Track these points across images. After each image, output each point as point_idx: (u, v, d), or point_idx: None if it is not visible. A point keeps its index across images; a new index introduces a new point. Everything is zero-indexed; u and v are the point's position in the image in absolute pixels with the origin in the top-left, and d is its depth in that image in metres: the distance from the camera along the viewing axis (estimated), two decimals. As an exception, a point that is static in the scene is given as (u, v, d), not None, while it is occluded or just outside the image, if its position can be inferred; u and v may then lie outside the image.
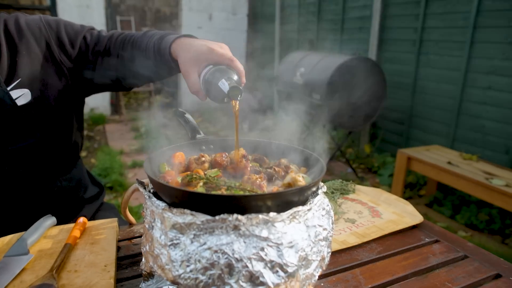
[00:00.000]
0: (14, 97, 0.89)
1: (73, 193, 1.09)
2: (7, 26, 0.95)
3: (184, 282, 0.54)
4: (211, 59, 0.78)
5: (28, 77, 0.93)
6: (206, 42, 0.83)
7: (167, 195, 0.57)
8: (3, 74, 0.90)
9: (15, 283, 0.69)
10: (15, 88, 0.91)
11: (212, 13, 6.97)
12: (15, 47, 0.93)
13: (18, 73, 0.92)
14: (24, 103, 0.91)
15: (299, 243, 0.55)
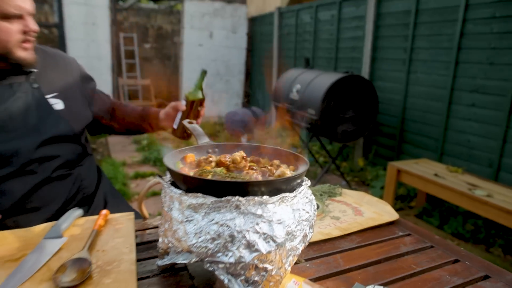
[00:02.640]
0: (52, 103, 1.19)
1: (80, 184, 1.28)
2: (47, 52, 1.29)
3: (196, 250, 0.69)
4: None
5: (62, 93, 1.25)
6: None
7: (183, 183, 0.73)
8: (47, 87, 1.21)
9: (54, 259, 0.83)
10: (51, 98, 1.21)
11: (213, 31, 7.23)
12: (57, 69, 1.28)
13: (57, 89, 1.24)
14: (58, 109, 1.21)
15: (286, 221, 0.71)
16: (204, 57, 7.20)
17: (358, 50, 4.38)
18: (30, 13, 1.11)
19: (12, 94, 1.11)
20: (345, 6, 4.61)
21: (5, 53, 1.08)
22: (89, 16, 6.05)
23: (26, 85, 1.15)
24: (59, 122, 1.18)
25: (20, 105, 1.12)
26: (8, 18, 1.05)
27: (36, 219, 1.10)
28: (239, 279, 0.69)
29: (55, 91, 1.21)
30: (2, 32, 1.05)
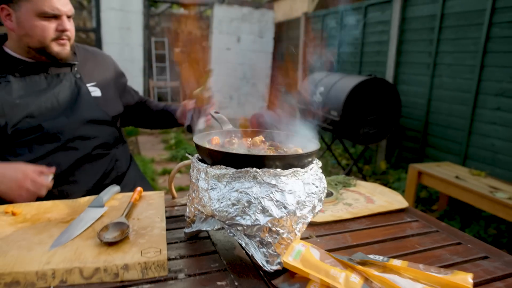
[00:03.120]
0: (91, 91, 1.39)
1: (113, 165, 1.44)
2: (97, 56, 1.52)
3: (218, 214, 0.81)
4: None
5: (99, 83, 1.44)
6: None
7: (209, 157, 0.85)
8: (87, 77, 1.41)
9: (97, 223, 0.97)
10: (91, 86, 1.40)
11: (241, 35, 7.41)
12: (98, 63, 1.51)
13: (95, 79, 1.43)
14: (96, 96, 1.40)
15: (296, 191, 0.81)
16: (231, 61, 7.39)
17: (383, 54, 4.42)
18: (67, 15, 1.28)
19: (59, 82, 1.32)
20: (371, 11, 4.66)
21: (43, 47, 1.26)
22: (124, 21, 6.37)
23: (70, 75, 1.35)
24: (96, 107, 1.37)
25: (65, 91, 1.32)
26: (46, 17, 1.23)
27: (77, 190, 1.28)
28: (255, 241, 0.80)
29: (93, 81, 1.41)
30: (39, 29, 1.23)
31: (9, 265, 0.74)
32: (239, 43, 7.44)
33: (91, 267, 0.76)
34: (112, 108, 1.44)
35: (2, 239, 0.85)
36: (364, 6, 4.76)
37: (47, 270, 0.74)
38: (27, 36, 1.24)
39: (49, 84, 1.30)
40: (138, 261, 0.78)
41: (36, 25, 1.22)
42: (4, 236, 0.87)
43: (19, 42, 1.27)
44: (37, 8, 1.20)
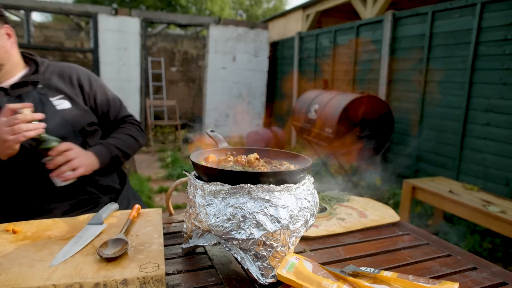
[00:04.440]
0: (55, 104, 1.35)
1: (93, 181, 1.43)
2: (63, 71, 1.47)
3: (215, 229, 0.84)
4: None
5: (67, 94, 1.40)
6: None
7: (205, 174, 0.89)
8: (54, 91, 1.39)
9: (97, 239, 0.99)
10: (58, 99, 1.37)
11: (236, 55, 7.54)
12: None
13: (63, 91, 1.40)
14: (64, 108, 1.36)
15: (289, 206, 0.85)
16: (227, 79, 7.51)
17: (375, 72, 4.52)
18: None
19: (21, 102, 1.30)
20: (363, 30, 4.80)
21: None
22: (121, 41, 6.48)
23: (33, 93, 1.33)
24: (64, 123, 1.33)
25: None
26: None
27: (58, 206, 1.32)
28: (250, 254, 0.83)
29: (61, 93, 1.38)
30: None
31: (11, 281, 0.76)
32: (234, 62, 7.57)
33: (91, 282, 0.78)
34: (84, 118, 1.41)
35: (4, 256, 0.88)
36: (356, 25, 4.90)
37: (48, 286, 0.76)
38: None
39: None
40: (137, 276, 0.81)
41: None
42: (6, 254, 0.89)
43: None
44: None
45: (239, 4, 25.06)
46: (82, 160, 1.27)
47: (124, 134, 1.51)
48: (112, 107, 1.54)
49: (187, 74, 9.83)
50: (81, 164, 1.26)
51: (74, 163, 1.24)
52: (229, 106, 7.51)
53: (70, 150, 1.24)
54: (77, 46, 8.73)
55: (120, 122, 1.57)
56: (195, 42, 9.83)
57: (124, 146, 1.48)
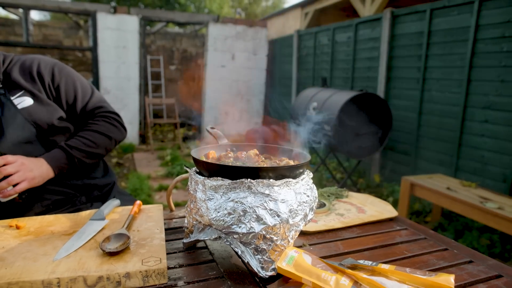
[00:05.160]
0: (16, 103, 1.28)
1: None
2: (24, 63, 1.36)
3: (216, 223, 0.85)
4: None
5: (28, 89, 1.31)
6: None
7: (206, 170, 0.90)
8: (14, 88, 1.30)
9: (99, 235, 1.00)
10: (19, 97, 1.29)
11: (235, 53, 7.55)
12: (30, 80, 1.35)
13: (23, 86, 1.31)
14: (25, 106, 1.28)
15: (289, 200, 0.86)
16: (226, 77, 7.51)
17: (374, 70, 4.54)
18: None
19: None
20: (361, 28, 4.81)
21: None
22: (120, 40, 6.48)
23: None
24: (25, 125, 1.26)
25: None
26: None
27: (31, 210, 1.29)
28: (250, 248, 0.85)
29: (21, 89, 1.29)
30: None
31: (16, 275, 0.78)
32: (233, 60, 7.57)
33: (95, 276, 0.80)
34: (49, 114, 1.31)
35: (8, 251, 0.89)
36: (354, 23, 4.91)
37: (52, 279, 0.78)
38: None
39: None
40: (139, 269, 0.82)
41: None
42: (10, 248, 0.90)
43: None
44: None
45: (238, 2, 25.03)
46: (25, 174, 1.18)
47: (91, 131, 1.40)
48: (79, 97, 1.40)
49: (186, 72, 9.84)
50: (23, 178, 1.18)
51: (13, 178, 1.16)
52: (228, 104, 7.52)
53: (9, 164, 1.17)
54: (76, 45, 8.72)
55: (91, 116, 1.44)
56: (194, 40, 9.83)
57: (89, 146, 1.37)
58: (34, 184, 1.22)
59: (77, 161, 1.34)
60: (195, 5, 19.37)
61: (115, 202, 1.22)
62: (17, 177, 1.17)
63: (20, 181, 1.18)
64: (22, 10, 6.13)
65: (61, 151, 1.32)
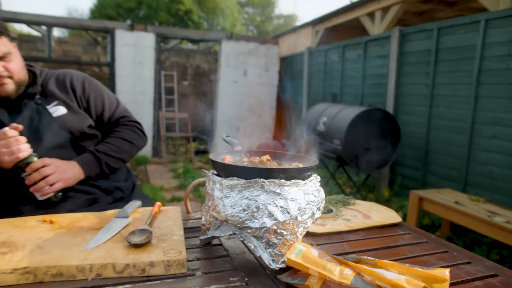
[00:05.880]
0: (52, 112, 1.42)
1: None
2: (58, 77, 1.52)
3: (231, 218, 0.94)
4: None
5: (62, 100, 1.46)
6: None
7: (224, 171, 1.00)
8: (50, 98, 1.44)
9: (124, 230, 1.10)
10: (54, 106, 1.43)
11: (247, 69, 7.73)
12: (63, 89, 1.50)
13: (58, 97, 1.45)
14: (59, 115, 1.42)
15: (298, 199, 0.95)
16: (238, 93, 7.68)
17: (383, 86, 4.63)
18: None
19: (20, 114, 1.37)
20: (370, 46, 4.92)
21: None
22: (137, 56, 6.72)
23: (31, 103, 1.40)
24: (59, 131, 1.39)
25: (25, 120, 1.36)
26: None
27: (62, 207, 1.38)
28: (262, 242, 0.93)
29: (56, 100, 1.43)
30: None
31: (54, 261, 0.88)
32: (245, 76, 7.74)
33: (122, 263, 0.89)
34: (80, 122, 1.45)
35: (45, 241, 0.99)
36: (364, 41, 5.03)
37: (85, 265, 0.87)
38: None
39: (11, 118, 1.35)
40: (162, 259, 0.91)
41: None
42: (46, 239, 1.01)
43: None
44: None
45: (250, 20, 25.53)
46: (60, 175, 1.30)
47: (117, 138, 1.53)
48: (106, 108, 1.55)
49: (198, 87, 10.06)
50: (58, 179, 1.30)
51: (50, 178, 1.28)
52: (239, 119, 7.65)
53: (46, 166, 1.28)
54: (94, 60, 9.04)
55: (116, 124, 1.58)
56: (207, 56, 10.08)
57: (115, 151, 1.49)
58: (68, 185, 1.34)
59: (104, 164, 1.46)
60: (208, 23, 19.85)
61: (137, 203, 1.32)
62: (53, 178, 1.28)
63: (56, 181, 1.30)
64: (45, 27, 6.43)
65: (91, 155, 1.44)
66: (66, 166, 1.35)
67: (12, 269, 0.84)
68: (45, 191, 1.28)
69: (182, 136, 8.01)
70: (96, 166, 1.45)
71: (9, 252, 0.91)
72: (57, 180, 1.30)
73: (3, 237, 1.01)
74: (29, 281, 0.84)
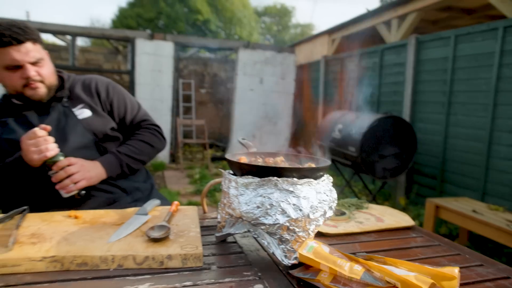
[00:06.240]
0: (77, 114, 1.49)
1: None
2: (84, 81, 1.62)
3: (246, 215, 0.99)
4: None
5: (87, 103, 1.55)
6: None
7: (239, 170, 1.04)
8: (76, 101, 1.53)
9: (143, 226, 1.16)
10: (80, 109, 1.52)
11: (263, 77, 7.81)
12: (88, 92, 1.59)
13: (83, 100, 1.54)
14: (84, 117, 1.50)
15: (310, 198, 0.98)
16: (254, 100, 7.76)
17: (400, 94, 4.61)
18: (30, 62, 1.37)
19: (48, 115, 1.46)
20: (387, 54, 4.93)
21: (19, 92, 1.41)
22: (156, 64, 6.89)
23: (58, 106, 1.49)
24: (84, 132, 1.47)
25: (53, 122, 1.44)
26: (10, 68, 1.35)
27: (86, 205, 1.44)
28: (275, 238, 0.97)
29: (82, 103, 1.52)
30: (7, 79, 1.38)
31: (79, 251, 0.94)
32: (262, 84, 7.82)
33: (142, 255, 0.94)
34: (104, 124, 1.53)
35: (70, 234, 1.05)
36: (380, 49, 5.04)
37: (108, 255, 0.93)
38: (4, 85, 1.45)
39: (40, 119, 1.45)
40: (179, 253, 0.96)
41: (4, 76, 1.38)
42: (71, 232, 1.07)
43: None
44: (2, 62, 1.35)
45: (267, 29, 25.75)
46: (84, 174, 1.37)
47: (137, 141, 1.60)
48: (129, 111, 1.63)
49: (215, 95, 10.20)
50: (82, 178, 1.37)
51: (75, 177, 1.34)
52: (255, 126, 7.72)
53: (72, 165, 1.35)
54: (115, 68, 9.30)
55: (137, 127, 1.65)
56: (224, 65, 10.23)
57: (135, 153, 1.56)
58: (91, 183, 1.41)
59: (125, 165, 1.53)
60: (225, 32, 20.14)
61: (156, 201, 1.37)
62: (78, 176, 1.36)
63: (80, 179, 1.37)
64: (70, 37, 6.68)
65: (113, 156, 1.52)
66: (89, 166, 1.42)
67: (41, 257, 0.90)
68: (69, 188, 1.35)
69: (199, 143, 8.12)
70: (117, 167, 1.52)
71: (38, 243, 0.98)
72: (81, 179, 1.37)
73: (32, 229, 1.07)
74: (57, 269, 0.90)
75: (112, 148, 1.56)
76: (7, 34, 1.31)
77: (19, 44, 1.34)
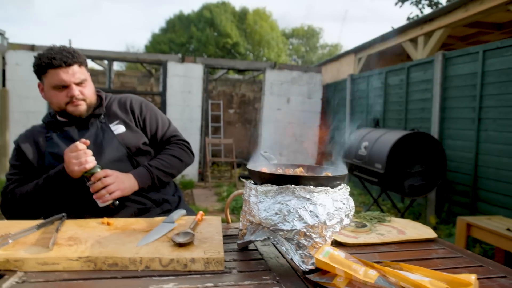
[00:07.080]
0: (113, 129, 1.62)
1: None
2: (120, 99, 1.75)
3: (265, 221, 1.04)
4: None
5: (122, 119, 1.68)
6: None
7: (259, 178, 1.10)
8: (112, 118, 1.67)
9: (170, 232, 1.23)
10: (115, 125, 1.65)
11: (290, 97, 7.90)
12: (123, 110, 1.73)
13: (119, 117, 1.68)
14: (119, 132, 1.63)
15: (327, 205, 1.02)
16: (281, 120, 7.84)
17: (427, 111, 4.55)
18: (75, 83, 1.51)
19: (87, 131, 1.60)
20: (413, 71, 4.90)
21: (62, 109, 1.55)
22: (186, 85, 7.16)
23: (96, 122, 1.62)
24: (118, 146, 1.59)
25: (92, 137, 1.57)
26: (57, 88, 1.50)
27: (119, 215, 1.52)
28: (293, 244, 1.01)
29: (117, 119, 1.66)
30: (54, 97, 1.52)
31: (110, 253, 1.01)
32: (288, 104, 7.91)
33: (167, 258, 1.01)
34: (137, 139, 1.65)
35: (103, 238, 1.14)
36: (406, 67, 5.02)
37: (136, 257, 1.00)
38: (50, 103, 1.59)
39: (80, 134, 1.58)
40: (202, 257, 1.02)
41: (52, 95, 1.52)
42: (104, 237, 1.15)
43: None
44: (51, 82, 1.49)
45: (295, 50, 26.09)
46: (118, 185, 1.47)
47: (168, 155, 1.70)
48: (160, 128, 1.75)
49: (243, 115, 10.38)
50: (117, 188, 1.46)
51: (110, 187, 1.44)
52: (282, 145, 7.77)
53: (108, 177, 1.45)
54: (147, 90, 9.72)
55: (167, 142, 1.76)
56: (252, 86, 10.44)
57: (166, 166, 1.66)
58: (125, 194, 1.52)
59: (156, 178, 1.63)
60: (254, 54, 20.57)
61: (182, 211, 1.45)
62: (113, 187, 1.47)
63: (115, 190, 1.47)
64: (107, 61, 7.09)
65: (145, 169, 1.62)
66: (123, 178, 1.53)
67: (77, 257, 0.98)
68: (105, 198, 1.46)
69: (227, 162, 8.25)
70: (148, 179, 1.62)
71: (75, 245, 1.07)
72: (116, 189, 1.48)
73: (69, 233, 1.17)
74: (90, 268, 0.98)
75: (144, 161, 1.67)
76: (58, 58, 1.48)
77: (68, 66, 1.50)
